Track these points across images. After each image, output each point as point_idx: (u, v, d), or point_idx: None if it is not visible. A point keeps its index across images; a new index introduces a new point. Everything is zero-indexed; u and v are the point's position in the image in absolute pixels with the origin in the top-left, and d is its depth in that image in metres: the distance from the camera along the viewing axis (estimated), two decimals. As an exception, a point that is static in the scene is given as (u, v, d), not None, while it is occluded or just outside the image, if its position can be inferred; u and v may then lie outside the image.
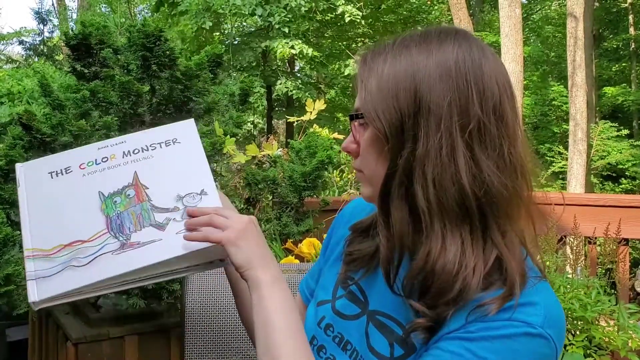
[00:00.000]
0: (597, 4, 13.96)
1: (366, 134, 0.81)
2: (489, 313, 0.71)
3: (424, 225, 0.74)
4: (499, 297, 0.71)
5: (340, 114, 15.22)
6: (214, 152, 2.12)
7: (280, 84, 11.78)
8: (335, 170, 3.51)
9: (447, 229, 0.73)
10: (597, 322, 2.08)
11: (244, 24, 11.29)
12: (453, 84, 0.74)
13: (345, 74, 12.26)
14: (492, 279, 0.74)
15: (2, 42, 16.67)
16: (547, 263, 2.08)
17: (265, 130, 14.00)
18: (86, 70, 2.32)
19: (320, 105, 2.95)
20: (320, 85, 14.22)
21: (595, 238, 2.80)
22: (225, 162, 2.57)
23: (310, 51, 11.17)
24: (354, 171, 0.88)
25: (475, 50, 0.77)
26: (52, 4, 18.67)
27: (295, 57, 11.59)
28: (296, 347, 0.79)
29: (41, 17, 18.02)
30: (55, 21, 17.65)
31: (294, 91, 11.56)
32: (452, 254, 0.72)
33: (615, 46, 15.31)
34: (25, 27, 16.93)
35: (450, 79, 0.74)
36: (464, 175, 0.72)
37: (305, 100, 3.09)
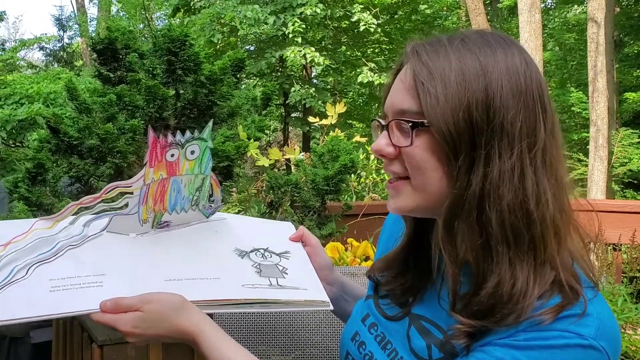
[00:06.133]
0: (618, 9, 13.80)
1: (421, 140, 0.75)
2: (541, 323, 0.70)
3: (494, 252, 0.72)
4: (552, 308, 0.70)
5: (356, 122, 15.14)
6: (237, 156, 2.14)
7: (294, 91, 11.75)
8: (353, 175, 3.49)
9: (516, 257, 0.72)
10: (623, 331, 2.05)
11: (258, 31, 11.28)
12: (524, 101, 0.72)
13: (359, 81, 12.18)
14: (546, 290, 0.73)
15: (23, 48, 16.95)
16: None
17: (282, 136, 14.01)
18: (112, 75, 2.35)
19: (340, 108, 2.92)
20: (335, 92, 14.18)
21: (621, 245, 2.77)
22: (242, 167, 2.58)
23: (321, 60, 11.15)
24: (386, 176, 0.84)
25: (532, 62, 0.75)
26: (73, 11, 18.98)
27: (311, 64, 11.59)
28: None
29: (61, 24, 18.33)
30: (76, 27, 17.91)
31: (307, 99, 11.51)
32: (520, 282, 0.71)
33: (636, 52, 15.07)
34: (45, 34, 17.21)
35: (521, 95, 0.72)
36: (531, 201, 0.71)
37: (321, 108, 3.06)
